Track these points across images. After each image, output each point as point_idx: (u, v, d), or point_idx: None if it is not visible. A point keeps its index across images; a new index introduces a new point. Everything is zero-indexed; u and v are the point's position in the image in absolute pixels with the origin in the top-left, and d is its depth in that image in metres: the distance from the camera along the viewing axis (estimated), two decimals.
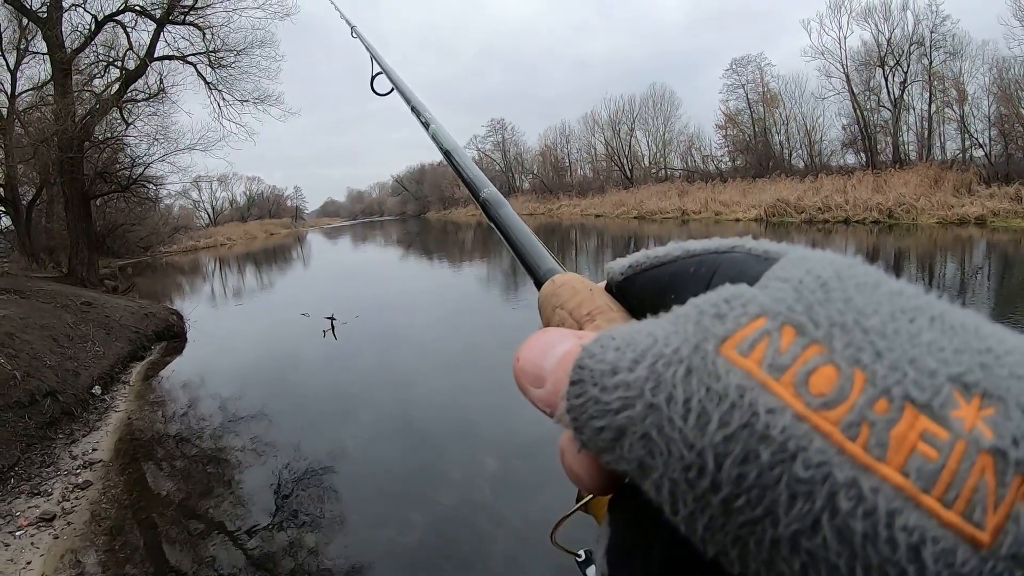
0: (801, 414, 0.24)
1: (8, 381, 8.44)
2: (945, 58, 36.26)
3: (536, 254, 0.62)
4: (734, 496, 0.24)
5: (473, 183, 0.82)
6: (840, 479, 0.22)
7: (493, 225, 0.73)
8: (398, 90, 1.43)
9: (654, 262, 0.40)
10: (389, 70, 1.52)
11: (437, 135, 1.06)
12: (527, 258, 0.63)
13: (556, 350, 0.34)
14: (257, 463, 7.42)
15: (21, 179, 25.43)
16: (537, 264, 0.60)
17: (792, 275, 0.29)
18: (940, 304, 0.28)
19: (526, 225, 0.69)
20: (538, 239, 0.65)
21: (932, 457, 0.22)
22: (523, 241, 0.66)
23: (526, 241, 0.65)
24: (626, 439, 0.27)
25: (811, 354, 0.25)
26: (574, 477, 0.33)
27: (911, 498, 0.22)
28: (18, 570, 5.39)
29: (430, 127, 1.11)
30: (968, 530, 0.21)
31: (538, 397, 0.35)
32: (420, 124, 1.17)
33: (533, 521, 5.46)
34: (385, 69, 1.55)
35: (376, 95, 1.63)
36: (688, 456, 0.25)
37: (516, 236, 0.67)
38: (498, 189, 0.78)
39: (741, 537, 0.24)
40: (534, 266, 0.61)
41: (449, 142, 1.00)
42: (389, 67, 1.54)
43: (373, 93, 1.65)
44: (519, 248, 0.65)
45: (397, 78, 1.46)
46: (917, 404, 0.23)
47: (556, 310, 0.47)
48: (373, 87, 1.64)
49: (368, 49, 1.72)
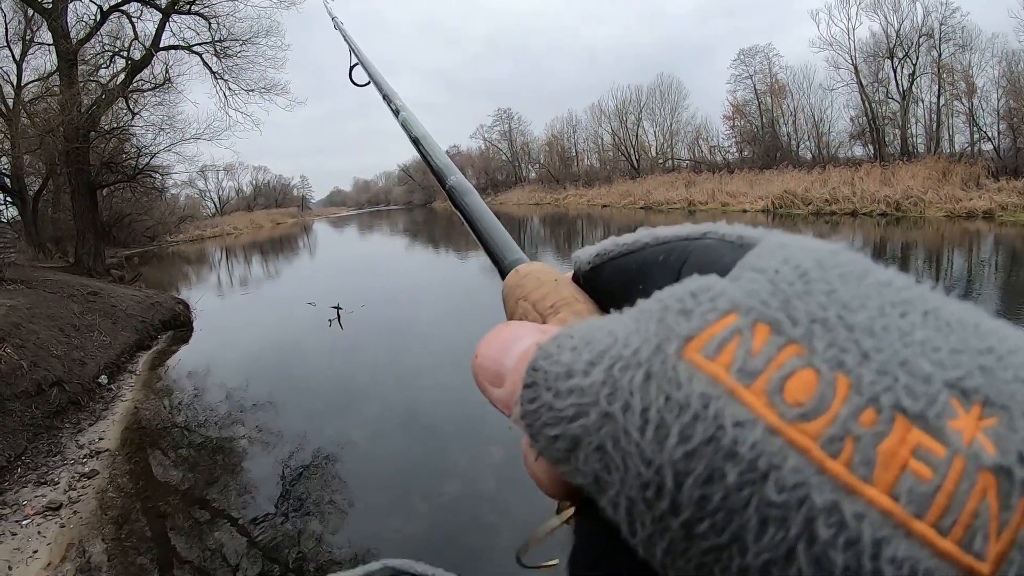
0: (774, 427, 0.21)
1: (15, 371, 8.47)
2: (954, 50, 36.09)
3: (502, 243, 0.59)
4: (696, 520, 0.21)
5: (441, 171, 0.81)
6: (819, 503, 0.20)
7: (459, 213, 0.71)
8: (372, 80, 1.43)
9: (622, 250, 0.37)
10: (366, 61, 1.53)
11: (407, 122, 1.05)
12: (492, 247, 0.60)
13: (517, 346, 0.32)
14: (263, 452, 7.44)
15: (27, 169, 25.52)
16: (502, 254, 0.57)
17: (768, 264, 0.26)
18: (934, 297, 0.25)
19: (492, 213, 0.66)
20: (504, 228, 0.62)
21: (926, 477, 0.20)
22: (489, 230, 0.63)
23: (492, 229, 0.63)
24: (580, 450, 0.25)
25: (787, 356, 0.23)
26: (538, 483, 0.31)
27: (901, 525, 0.19)
28: (24, 559, 5.41)
29: (400, 114, 1.10)
30: (966, 561, 0.19)
31: (497, 397, 0.33)
32: (391, 111, 1.17)
33: (538, 513, 5.44)
34: (362, 60, 1.55)
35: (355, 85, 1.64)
36: (645, 473, 0.22)
37: (482, 224, 0.65)
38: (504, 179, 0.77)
39: (705, 564, 0.21)
40: (499, 256, 0.58)
41: (419, 130, 0.99)
42: (366, 58, 1.54)
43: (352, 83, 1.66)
44: (484, 237, 0.63)
45: (373, 69, 1.46)
46: (909, 415, 0.21)
47: (519, 302, 0.45)
48: (352, 78, 1.65)
49: (347, 40, 1.72)
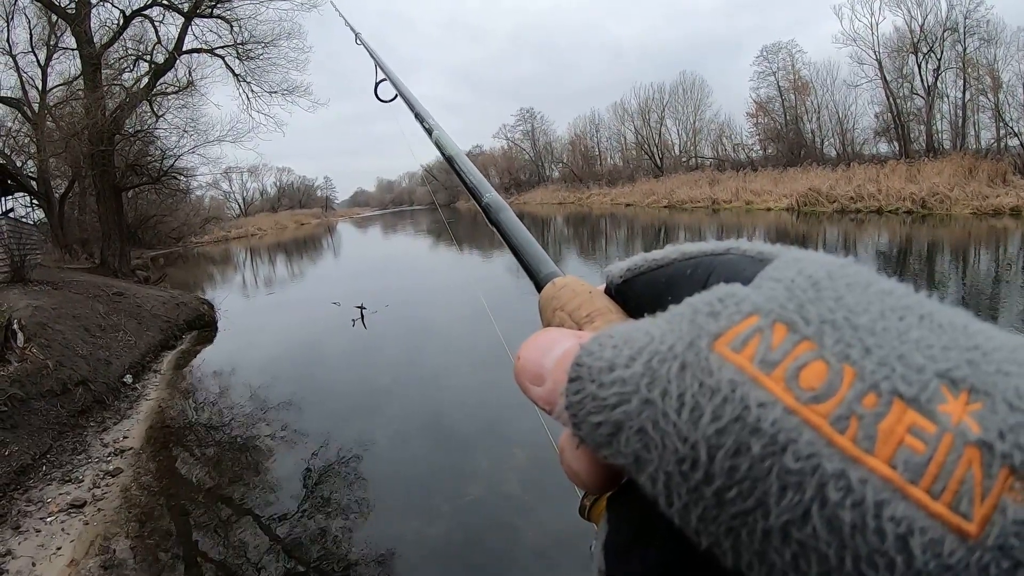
0: (791, 407, 0.24)
1: (41, 370, 8.55)
2: (979, 45, 35.60)
3: (537, 257, 0.62)
4: (726, 488, 0.24)
5: (476, 188, 0.83)
6: (829, 470, 0.23)
7: (495, 229, 0.74)
8: (402, 97, 1.42)
9: (651, 265, 0.41)
10: (393, 77, 1.52)
11: (440, 141, 1.06)
12: (528, 261, 0.63)
13: (556, 349, 0.35)
14: (286, 451, 7.46)
15: (53, 172, 25.93)
16: (538, 268, 0.60)
17: (784, 275, 0.30)
18: (930, 303, 0.28)
19: (526, 229, 0.69)
20: (538, 243, 0.65)
21: (919, 450, 0.23)
22: (524, 245, 0.66)
23: (527, 245, 0.65)
24: (623, 433, 0.28)
25: (802, 350, 0.26)
26: (573, 475, 0.34)
27: (899, 489, 0.22)
28: (48, 555, 5.44)
29: (433, 133, 1.11)
30: (955, 521, 0.21)
31: (538, 395, 0.35)
32: (423, 130, 1.18)
33: (561, 514, 5.40)
34: (389, 75, 1.55)
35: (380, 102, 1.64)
36: (682, 449, 0.25)
37: (518, 240, 0.67)
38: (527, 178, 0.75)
39: (734, 528, 0.24)
40: (535, 269, 0.60)
41: (452, 148, 1.00)
42: (393, 73, 1.54)
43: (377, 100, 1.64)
44: (520, 252, 0.65)
45: (401, 85, 1.46)
46: (905, 398, 0.24)
47: (556, 312, 0.48)
48: (377, 94, 1.64)
49: (372, 55, 1.72)
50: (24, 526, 5.90)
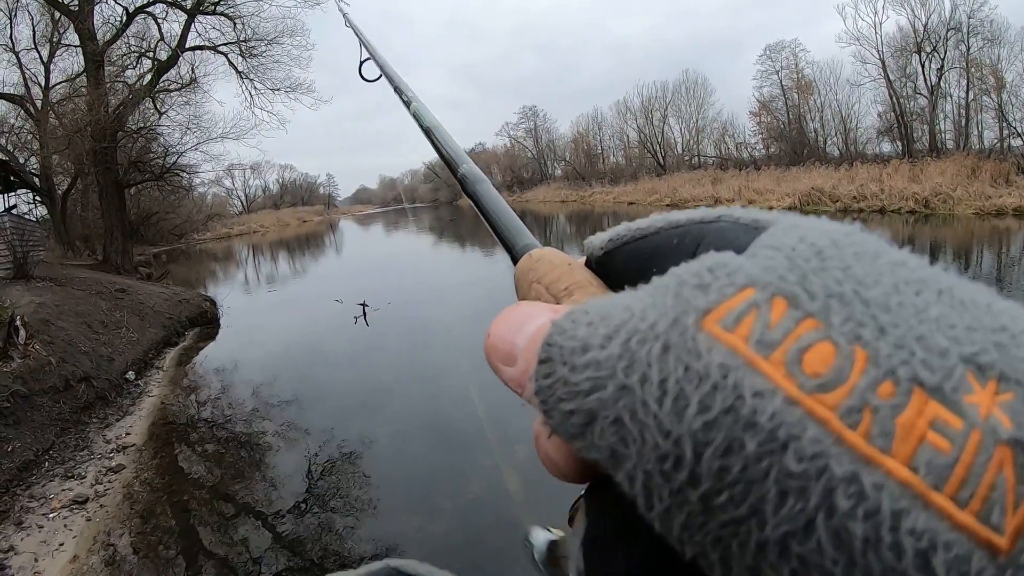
0: (793, 397, 0.21)
1: (43, 366, 8.57)
2: (983, 44, 35.29)
3: (514, 229, 0.58)
4: (715, 492, 0.21)
5: (452, 159, 0.80)
6: (838, 473, 0.20)
7: (471, 201, 0.70)
8: (382, 72, 1.41)
9: (635, 235, 0.37)
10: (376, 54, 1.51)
11: (419, 112, 1.04)
12: (504, 233, 0.59)
13: (529, 325, 0.31)
14: (288, 448, 7.48)
15: (56, 169, 25.88)
16: (514, 239, 0.56)
17: (784, 243, 0.26)
18: (947, 277, 0.25)
19: (504, 200, 0.65)
20: (516, 214, 0.61)
21: (944, 449, 0.20)
22: (500, 216, 0.62)
23: (503, 216, 0.62)
24: (597, 424, 0.24)
25: (805, 329, 0.23)
26: (549, 463, 0.30)
27: (920, 496, 0.19)
28: (51, 551, 5.46)
29: (411, 104, 1.09)
30: (984, 534, 0.19)
31: (509, 376, 0.32)
32: (402, 102, 1.16)
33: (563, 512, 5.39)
34: (372, 54, 1.53)
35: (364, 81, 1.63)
36: (663, 445, 0.22)
37: (494, 211, 0.64)
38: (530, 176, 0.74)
39: (723, 538, 0.21)
40: (511, 242, 0.56)
41: (430, 120, 0.98)
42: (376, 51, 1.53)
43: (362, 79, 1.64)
44: (496, 223, 0.62)
45: (383, 61, 1.44)
46: (927, 387, 0.21)
47: (533, 285, 0.44)
48: (361, 73, 1.64)
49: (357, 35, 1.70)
50: (27, 522, 5.92)
